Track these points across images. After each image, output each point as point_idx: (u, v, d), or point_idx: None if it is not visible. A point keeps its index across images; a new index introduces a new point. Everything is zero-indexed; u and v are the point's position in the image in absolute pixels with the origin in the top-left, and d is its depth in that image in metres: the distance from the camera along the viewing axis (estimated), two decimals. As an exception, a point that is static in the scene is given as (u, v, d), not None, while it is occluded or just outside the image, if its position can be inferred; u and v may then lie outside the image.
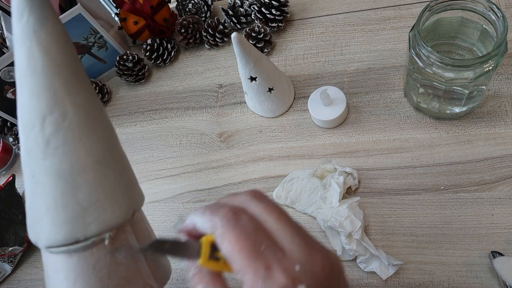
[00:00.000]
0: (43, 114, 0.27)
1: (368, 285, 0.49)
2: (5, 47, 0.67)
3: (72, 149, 0.27)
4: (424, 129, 0.55)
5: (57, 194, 0.27)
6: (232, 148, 0.63)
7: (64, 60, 0.28)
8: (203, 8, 0.75)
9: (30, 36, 0.27)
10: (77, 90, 0.28)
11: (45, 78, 0.27)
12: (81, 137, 0.28)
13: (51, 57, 0.27)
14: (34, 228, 0.28)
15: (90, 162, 0.28)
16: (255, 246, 0.24)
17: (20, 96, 0.28)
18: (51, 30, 0.28)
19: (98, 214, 0.28)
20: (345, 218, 0.48)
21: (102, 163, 0.28)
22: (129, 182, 0.30)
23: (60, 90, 0.27)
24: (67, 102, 0.27)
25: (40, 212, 0.28)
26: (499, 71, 0.55)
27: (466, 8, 0.47)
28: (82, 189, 0.27)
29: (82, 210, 0.27)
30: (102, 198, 0.28)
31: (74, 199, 0.27)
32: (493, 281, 0.45)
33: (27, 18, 0.27)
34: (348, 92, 0.60)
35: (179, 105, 0.70)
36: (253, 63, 0.54)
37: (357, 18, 0.66)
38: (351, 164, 0.56)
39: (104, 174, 0.28)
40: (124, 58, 0.71)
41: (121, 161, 0.30)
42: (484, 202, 0.49)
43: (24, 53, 0.27)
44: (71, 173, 0.27)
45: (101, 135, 0.29)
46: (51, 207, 0.27)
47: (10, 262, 0.65)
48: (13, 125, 0.77)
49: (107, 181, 0.28)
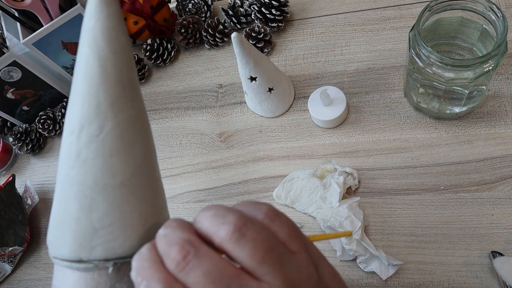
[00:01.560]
0: (82, 123, 0.26)
1: (368, 285, 0.49)
2: (5, 47, 0.67)
3: (99, 165, 0.26)
4: (424, 129, 0.55)
5: (73, 207, 0.26)
6: (232, 148, 0.63)
7: (117, 74, 0.27)
8: (203, 8, 0.75)
9: (90, 43, 0.27)
10: (122, 105, 0.27)
11: (92, 87, 0.26)
12: (112, 155, 0.26)
13: (104, 69, 0.27)
14: (50, 231, 0.28)
15: (114, 183, 0.26)
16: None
17: (70, 99, 0.28)
18: (113, 41, 0.27)
19: (107, 239, 0.26)
20: (345, 218, 0.48)
21: (127, 186, 0.27)
22: (151, 211, 0.28)
23: (104, 103, 0.26)
24: (108, 116, 0.26)
25: (55, 218, 0.27)
26: (499, 71, 0.55)
27: (466, 8, 0.47)
28: (99, 209, 0.26)
29: (92, 230, 0.26)
30: (116, 223, 0.26)
31: (87, 217, 0.26)
32: (493, 281, 0.45)
33: (94, 24, 0.27)
34: (348, 92, 0.60)
35: (179, 105, 0.70)
36: (253, 63, 0.54)
37: (357, 18, 0.66)
38: (351, 164, 0.56)
39: (125, 198, 0.27)
40: (124, 58, 0.71)
41: (150, 186, 0.29)
42: (484, 202, 0.49)
43: (82, 59, 0.27)
44: (91, 189, 0.26)
45: (135, 155, 0.28)
46: (66, 218, 0.27)
47: (10, 262, 0.65)
48: (13, 125, 0.77)
49: (127, 207, 0.27)
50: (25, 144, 0.74)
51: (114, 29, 0.27)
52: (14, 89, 0.71)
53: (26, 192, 0.71)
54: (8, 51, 0.66)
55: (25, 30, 0.67)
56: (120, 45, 0.27)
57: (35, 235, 0.68)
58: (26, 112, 0.76)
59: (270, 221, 0.25)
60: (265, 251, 0.22)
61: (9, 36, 0.69)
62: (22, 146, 0.74)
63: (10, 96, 0.71)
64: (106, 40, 0.27)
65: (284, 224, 0.25)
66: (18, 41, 0.67)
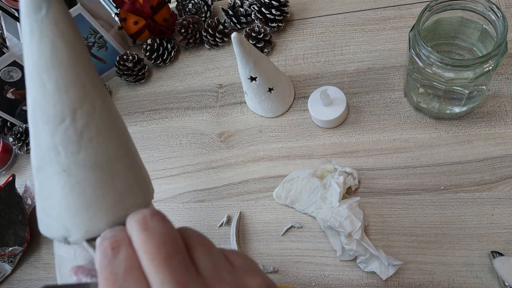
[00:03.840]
0: (74, 107, 0.27)
1: (368, 285, 0.49)
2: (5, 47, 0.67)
3: (105, 139, 0.28)
4: (424, 129, 0.55)
5: (96, 185, 0.28)
6: (232, 148, 0.63)
7: (85, 54, 0.29)
8: (203, 8, 0.75)
9: (53, 28, 0.27)
10: (99, 82, 0.29)
11: (73, 71, 0.28)
12: (110, 128, 0.29)
13: (75, 51, 0.28)
14: (64, 222, 0.28)
15: (121, 151, 0.29)
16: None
17: (41, 91, 0.28)
18: (71, 24, 0.28)
19: (134, 199, 0.29)
20: (345, 218, 0.48)
21: (130, 152, 0.30)
22: (146, 171, 0.32)
23: (88, 83, 0.28)
24: (94, 95, 0.28)
25: (76, 205, 0.28)
26: (499, 71, 0.55)
27: (466, 8, 0.47)
28: (119, 176, 0.28)
29: (120, 196, 0.28)
30: (134, 184, 0.29)
31: (112, 187, 0.28)
32: (493, 281, 0.45)
33: (46, 10, 0.27)
34: (348, 92, 0.60)
35: (179, 105, 0.70)
36: (253, 63, 0.54)
37: (357, 18, 0.66)
38: (351, 164, 0.56)
39: (133, 162, 0.30)
40: (124, 58, 0.71)
41: (137, 152, 0.32)
42: (484, 202, 0.49)
43: (47, 46, 0.27)
44: (107, 162, 0.28)
45: (124, 126, 0.30)
46: (91, 198, 0.28)
47: (10, 262, 0.65)
48: (13, 125, 0.77)
49: (136, 168, 0.30)
50: (25, 144, 0.74)
51: (67, 12, 0.28)
52: (14, 89, 0.71)
53: (26, 192, 0.71)
54: (8, 51, 0.66)
55: (25, 30, 0.67)
56: (75, 26, 0.29)
57: (35, 235, 0.68)
58: (26, 112, 0.76)
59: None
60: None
61: (9, 36, 0.69)
62: (22, 146, 0.74)
63: (10, 96, 0.71)
64: (66, 23, 0.28)
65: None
66: (18, 41, 0.67)
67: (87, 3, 0.69)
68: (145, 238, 0.23)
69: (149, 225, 0.24)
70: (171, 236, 0.24)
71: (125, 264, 0.23)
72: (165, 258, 0.22)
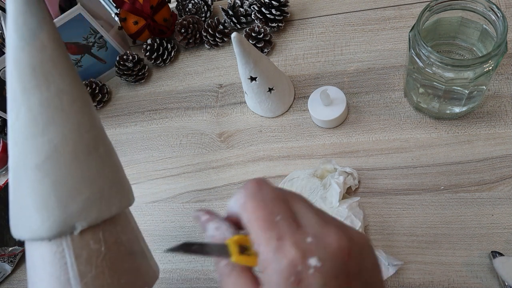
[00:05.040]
0: (8, 111, 0.29)
1: (368, 285, 0.49)
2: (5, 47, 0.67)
3: (20, 149, 0.28)
4: (424, 129, 0.55)
5: (10, 188, 0.28)
6: (232, 148, 0.63)
7: (25, 57, 0.28)
8: (203, 8, 0.75)
9: (8, 30, 0.28)
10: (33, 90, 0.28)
11: (8, 75, 0.28)
12: (27, 138, 0.28)
13: (14, 55, 0.28)
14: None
15: (30, 166, 0.28)
16: (271, 216, 0.24)
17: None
18: (19, 26, 0.28)
19: (26, 220, 0.27)
20: (345, 218, 0.48)
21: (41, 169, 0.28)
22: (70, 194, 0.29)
23: (17, 89, 0.28)
24: (20, 102, 0.28)
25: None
26: (499, 71, 0.55)
27: (466, 8, 0.47)
28: (21, 189, 0.28)
29: (19, 209, 0.28)
30: (32, 205, 0.27)
31: (15, 196, 0.28)
32: (493, 281, 0.45)
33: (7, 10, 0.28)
34: (348, 92, 0.60)
35: (179, 105, 0.70)
36: (253, 63, 0.54)
37: (357, 18, 0.66)
38: (351, 164, 0.56)
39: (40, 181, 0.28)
40: (124, 58, 0.71)
41: (73, 168, 0.29)
42: (484, 202, 0.49)
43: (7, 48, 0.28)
44: (15, 171, 0.28)
45: (50, 138, 0.28)
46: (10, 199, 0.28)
47: (10, 262, 0.65)
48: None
49: (42, 189, 0.28)
50: (25, 144, 0.73)
51: (19, 15, 0.28)
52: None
53: (26, 192, 0.71)
54: (8, 51, 0.66)
55: (25, 30, 0.67)
56: (29, 27, 0.28)
57: (35, 235, 0.68)
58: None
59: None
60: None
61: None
62: (22, 146, 0.74)
63: (10, 96, 0.71)
64: (14, 27, 0.28)
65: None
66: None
67: (87, 3, 0.69)
68: (284, 189, 0.27)
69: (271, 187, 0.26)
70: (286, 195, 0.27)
71: (272, 195, 0.25)
72: (304, 200, 0.26)
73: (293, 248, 0.23)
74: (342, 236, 0.24)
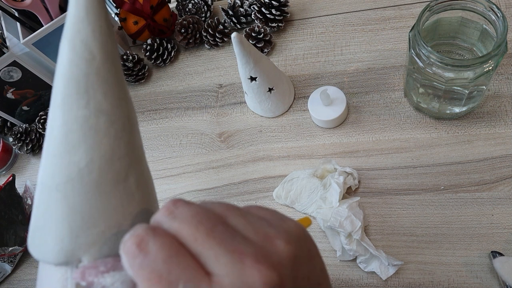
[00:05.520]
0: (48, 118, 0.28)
1: (368, 285, 0.49)
2: (5, 47, 0.67)
3: (44, 163, 0.26)
4: (424, 129, 0.55)
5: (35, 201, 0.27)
6: (232, 148, 0.63)
7: (71, 68, 0.27)
8: (203, 8, 0.75)
9: (65, 34, 0.28)
10: (71, 104, 0.26)
11: (55, 80, 0.27)
12: (55, 155, 0.26)
13: (61, 63, 0.27)
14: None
15: (50, 184, 0.26)
16: (171, 287, 0.19)
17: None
18: (73, 32, 0.28)
19: (41, 241, 0.26)
20: (345, 218, 0.48)
21: (60, 191, 0.25)
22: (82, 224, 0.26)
23: (58, 99, 0.27)
24: (57, 114, 0.27)
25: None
26: (499, 71, 0.55)
27: (466, 8, 0.47)
28: (39, 207, 0.26)
29: (35, 228, 0.26)
30: (44, 227, 0.25)
31: (35, 214, 0.26)
32: (493, 281, 0.45)
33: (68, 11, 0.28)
34: (348, 92, 0.60)
35: (179, 105, 0.70)
36: (253, 63, 0.54)
37: (357, 18, 0.66)
38: (351, 164, 0.56)
39: (56, 202, 0.25)
40: (124, 58, 0.71)
41: (93, 197, 0.26)
42: (484, 202, 0.49)
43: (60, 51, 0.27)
44: (39, 186, 0.27)
45: (77, 160, 0.25)
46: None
47: (10, 262, 0.65)
48: (13, 125, 0.77)
49: (57, 212, 0.25)
50: (25, 144, 0.74)
51: (76, 22, 0.27)
52: (14, 89, 0.71)
53: (26, 192, 0.71)
54: (8, 51, 0.66)
55: (25, 30, 0.67)
56: (82, 37, 0.26)
57: (35, 235, 0.68)
58: (26, 112, 0.76)
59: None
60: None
61: (9, 36, 0.69)
62: (22, 146, 0.74)
63: (10, 96, 0.71)
64: (69, 29, 0.26)
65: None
66: (18, 41, 0.67)
67: (87, 3, 0.69)
68: (178, 225, 0.21)
69: (176, 213, 0.22)
70: (203, 213, 0.22)
71: (161, 256, 0.20)
72: (207, 233, 0.21)
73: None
74: (266, 273, 0.20)
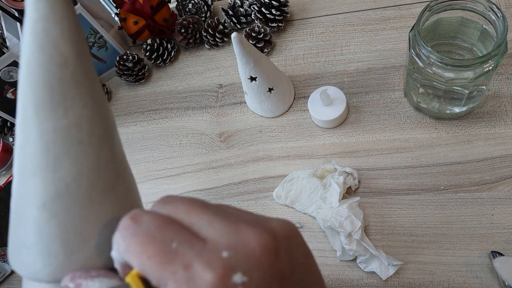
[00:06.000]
0: (17, 131, 0.25)
1: (368, 285, 0.49)
2: (5, 47, 0.67)
3: (23, 183, 0.24)
4: (424, 129, 0.55)
5: (11, 222, 0.25)
6: (232, 148, 0.63)
7: (42, 74, 0.24)
8: (203, 8, 0.75)
9: (25, 34, 0.25)
10: (47, 114, 0.24)
11: (21, 90, 0.24)
12: (34, 174, 0.24)
13: (28, 68, 0.24)
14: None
15: (35, 204, 0.24)
16: (165, 246, 0.19)
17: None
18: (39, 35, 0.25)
19: (29, 260, 0.24)
20: (345, 218, 0.48)
21: (48, 210, 0.24)
22: (77, 240, 0.24)
23: (30, 110, 0.24)
24: (32, 126, 0.24)
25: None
26: (499, 71, 0.55)
27: (466, 8, 0.47)
28: (24, 227, 0.24)
29: (21, 246, 0.24)
30: (34, 247, 0.24)
31: (16, 233, 0.24)
32: (493, 281, 0.45)
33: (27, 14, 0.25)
34: (348, 92, 0.60)
35: (179, 105, 0.70)
36: (253, 63, 0.54)
37: (357, 18, 0.66)
38: (351, 164, 0.56)
39: (45, 222, 0.24)
40: (124, 58, 0.71)
41: (84, 211, 0.24)
42: (484, 202, 0.49)
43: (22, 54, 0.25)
44: (17, 206, 0.24)
45: (62, 175, 0.24)
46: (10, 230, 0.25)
47: (10, 262, 0.65)
48: (13, 125, 0.77)
49: (47, 232, 0.24)
50: (25, 144, 0.73)
51: (40, 20, 0.24)
52: (14, 89, 0.71)
53: (26, 192, 0.71)
54: (8, 51, 0.66)
55: (25, 30, 0.67)
56: (50, 38, 0.24)
57: (35, 235, 0.68)
58: (26, 112, 0.76)
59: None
60: None
61: (9, 36, 0.69)
62: (22, 146, 0.74)
63: (10, 96, 0.71)
64: (31, 33, 0.23)
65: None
66: (18, 41, 0.67)
67: (87, 3, 0.69)
68: (171, 207, 0.22)
69: (169, 200, 0.22)
70: (196, 200, 0.22)
71: (154, 223, 0.20)
72: (201, 207, 0.21)
73: (207, 272, 0.18)
74: (261, 235, 0.20)
